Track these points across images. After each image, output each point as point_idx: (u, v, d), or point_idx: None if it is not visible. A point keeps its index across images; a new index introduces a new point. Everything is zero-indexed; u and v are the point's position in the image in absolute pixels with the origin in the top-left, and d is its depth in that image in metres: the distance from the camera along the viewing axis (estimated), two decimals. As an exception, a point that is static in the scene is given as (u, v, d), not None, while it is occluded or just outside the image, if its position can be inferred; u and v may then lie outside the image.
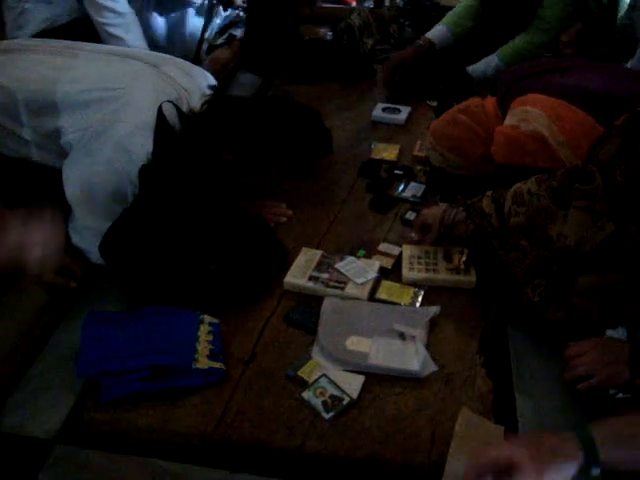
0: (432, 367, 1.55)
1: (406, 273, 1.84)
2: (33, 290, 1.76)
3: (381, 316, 1.69)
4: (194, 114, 1.89)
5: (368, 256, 1.92)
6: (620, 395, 1.44)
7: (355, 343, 1.61)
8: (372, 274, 1.80)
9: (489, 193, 1.80)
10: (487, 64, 2.94)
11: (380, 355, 1.58)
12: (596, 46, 2.86)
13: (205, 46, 3.33)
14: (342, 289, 1.77)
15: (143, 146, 1.77)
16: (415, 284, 1.82)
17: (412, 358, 1.56)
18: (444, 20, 3.15)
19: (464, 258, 1.83)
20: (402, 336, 1.62)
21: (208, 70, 2.23)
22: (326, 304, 1.73)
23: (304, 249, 1.92)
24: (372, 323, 1.67)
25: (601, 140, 1.49)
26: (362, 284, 1.77)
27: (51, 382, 1.54)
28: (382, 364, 1.55)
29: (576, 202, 1.52)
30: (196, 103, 1.90)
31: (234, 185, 1.99)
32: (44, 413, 1.49)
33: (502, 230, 1.73)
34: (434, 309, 1.71)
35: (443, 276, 1.83)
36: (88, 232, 1.80)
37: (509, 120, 1.97)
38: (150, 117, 1.79)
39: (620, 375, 1.45)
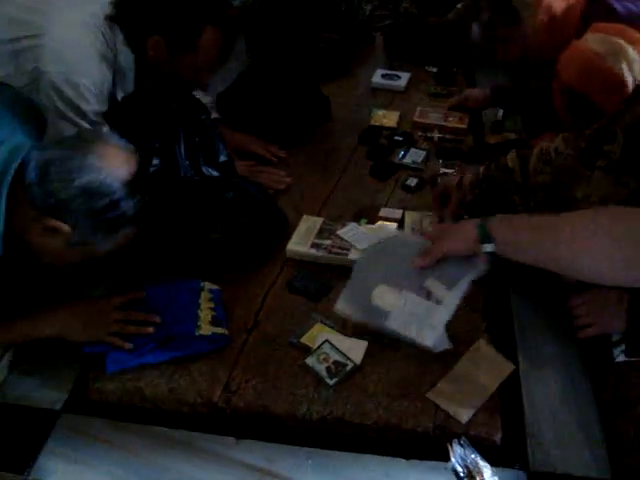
0: (446, 344, 1.48)
1: None
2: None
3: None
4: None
5: (370, 223, 1.91)
6: (622, 358, 1.45)
7: (380, 296, 1.49)
8: (373, 239, 1.78)
9: (514, 150, 1.79)
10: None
11: (400, 319, 1.45)
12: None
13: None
14: (345, 255, 1.76)
15: (85, 84, 1.72)
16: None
17: (429, 330, 1.44)
18: None
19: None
20: (429, 296, 1.47)
21: None
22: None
23: (305, 217, 1.92)
24: (408, 271, 1.48)
25: (629, 102, 1.49)
26: (364, 250, 1.76)
27: (56, 353, 1.55)
28: (399, 330, 1.45)
29: (599, 162, 1.52)
30: None
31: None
32: (50, 383, 1.50)
33: (525, 186, 1.73)
34: (481, 267, 1.44)
35: None
36: None
37: (594, 43, 1.84)
38: (77, 56, 1.72)
39: (618, 323, 1.48)
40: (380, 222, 1.92)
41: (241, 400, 1.43)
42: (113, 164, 1.34)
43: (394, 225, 1.90)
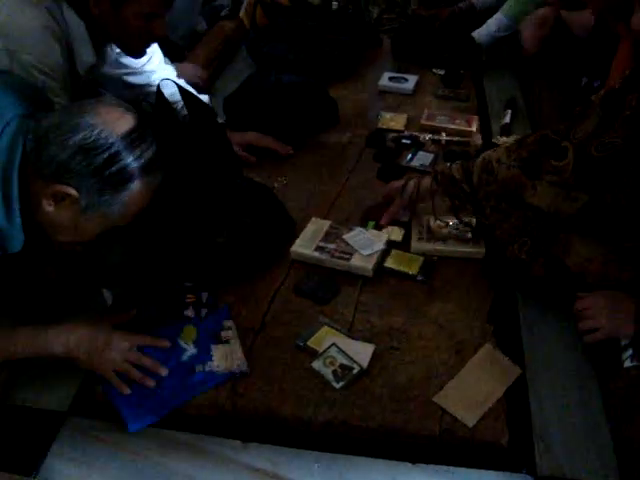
0: None
1: (415, 243, 1.83)
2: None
3: None
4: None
5: (378, 228, 1.90)
6: (630, 363, 1.45)
7: None
8: (379, 246, 1.78)
9: (458, 162, 1.77)
10: (493, 25, 2.90)
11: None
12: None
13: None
14: (348, 260, 1.76)
15: (30, 61, 1.69)
16: (424, 254, 1.82)
17: None
18: None
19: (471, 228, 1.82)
20: None
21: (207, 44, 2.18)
22: None
23: (313, 219, 1.92)
24: None
25: (577, 117, 1.48)
26: (368, 256, 1.76)
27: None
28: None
29: (547, 177, 1.52)
30: None
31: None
32: (56, 386, 1.50)
33: (475, 196, 1.71)
34: None
35: (452, 247, 1.82)
36: None
37: None
38: (21, 34, 1.69)
39: (626, 327, 1.47)
40: (389, 227, 1.91)
41: (247, 403, 1.43)
42: (108, 120, 1.32)
43: (401, 231, 1.89)
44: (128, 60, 2.13)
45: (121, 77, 2.19)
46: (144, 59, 2.12)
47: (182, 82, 2.21)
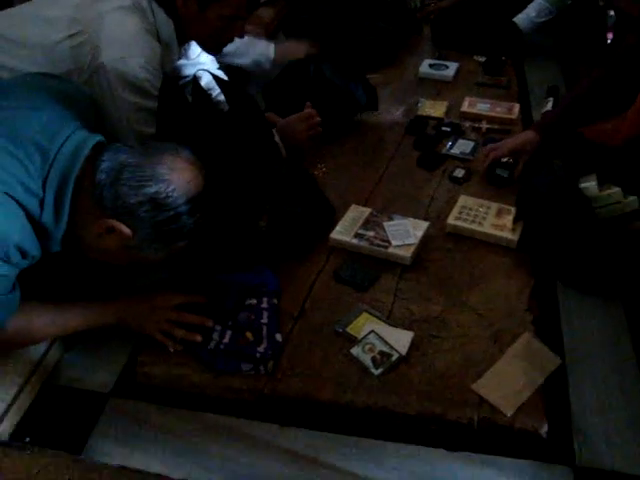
0: None
1: (450, 220, 1.85)
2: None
3: None
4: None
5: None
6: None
7: None
8: (412, 239, 1.78)
9: None
10: (533, 10, 2.86)
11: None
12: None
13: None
14: (386, 248, 1.76)
15: (141, 73, 1.73)
16: (456, 233, 1.84)
17: None
18: None
19: (512, 217, 1.81)
20: None
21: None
22: None
23: (353, 206, 1.92)
24: None
25: None
26: (403, 246, 1.76)
27: (106, 337, 1.58)
28: None
29: None
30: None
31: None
32: (100, 367, 1.53)
33: None
34: None
35: (485, 230, 1.81)
36: None
37: None
38: (128, 39, 1.74)
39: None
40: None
41: (286, 387, 1.44)
42: (182, 179, 1.37)
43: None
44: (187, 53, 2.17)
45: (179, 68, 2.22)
46: (198, 51, 2.14)
47: (219, 72, 2.23)
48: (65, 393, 1.49)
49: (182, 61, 2.15)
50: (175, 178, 1.36)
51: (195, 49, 2.14)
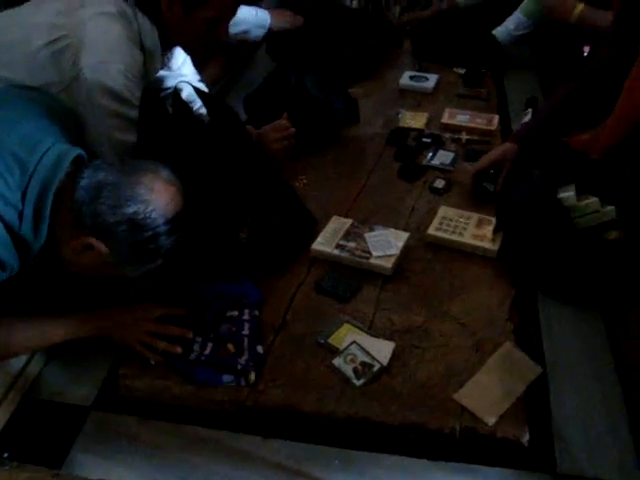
0: None
1: (431, 231, 1.86)
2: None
3: None
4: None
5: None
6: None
7: None
8: (393, 250, 1.78)
9: None
10: (511, 23, 2.89)
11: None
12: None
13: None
14: (367, 259, 1.77)
15: (120, 79, 1.73)
16: (437, 243, 1.85)
17: None
18: None
19: (492, 227, 1.83)
20: None
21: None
22: None
23: (334, 217, 1.93)
24: None
25: None
26: (384, 257, 1.77)
27: (87, 349, 1.57)
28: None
29: None
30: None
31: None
32: (81, 380, 1.53)
33: None
34: None
35: (465, 240, 1.83)
36: None
37: None
38: (109, 46, 1.73)
39: None
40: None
41: (268, 399, 1.44)
42: (161, 199, 1.38)
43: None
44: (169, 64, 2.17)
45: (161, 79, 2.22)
46: (180, 62, 2.15)
47: (201, 84, 2.23)
48: (45, 407, 1.48)
49: (164, 72, 2.14)
50: (154, 199, 1.36)
51: (177, 60, 2.14)
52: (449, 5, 3.24)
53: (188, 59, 2.27)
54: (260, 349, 1.53)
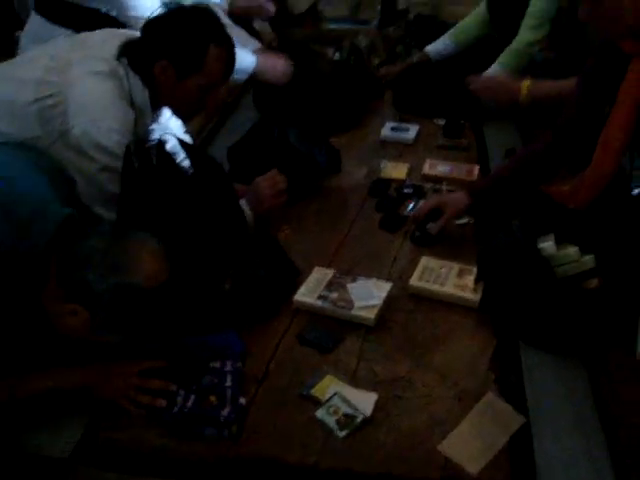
0: None
1: (413, 281, 1.88)
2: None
3: None
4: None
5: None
6: None
7: None
8: (376, 300, 1.79)
9: None
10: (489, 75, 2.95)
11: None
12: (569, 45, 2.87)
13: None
14: (349, 309, 1.78)
15: (112, 135, 1.77)
16: (419, 294, 1.86)
17: None
18: (449, 31, 3.27)
19: (473, 277, 1.84)
20: None
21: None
22: None
23: (317, 268, 1.94)
24: None
25: None
26: (367, 307, 1.78)
27: (66, 403, 1.55)
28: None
29: None
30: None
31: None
32: (59, 433, 1.50)
33: None
34: None
35: (447, 290, 1.84)
36: None
37: None
38: (101, 104, 1.79)
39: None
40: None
41: (250, 451, 1.44)
42: (148, 269, 1.41)
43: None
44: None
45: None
46: (167, 115, 2.18)
47: (186, 136, 2.26)
48: (23, 460, 1.46)
49: (152, 126, 2.18)
50: (141, 269, 1.40)
51: (165, 113, 2.17)
52: (420, 58, 3.31)
53: None
54: (243, 401, 1.53)
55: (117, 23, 2.32)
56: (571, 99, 2.00)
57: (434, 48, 3.29)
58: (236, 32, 2.80)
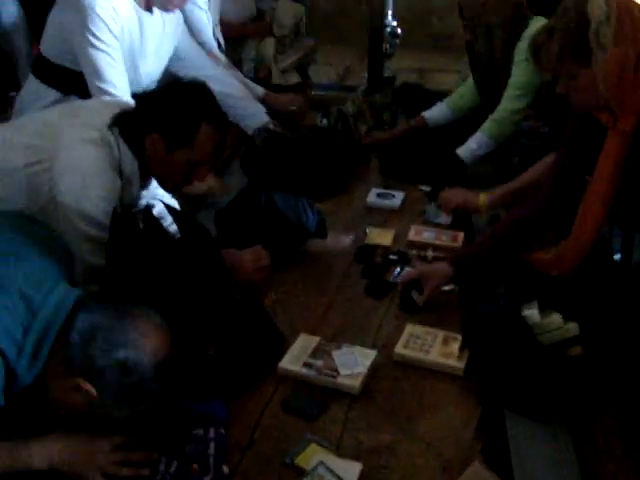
0: None
1: (398, 349, 1.88)
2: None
3: None
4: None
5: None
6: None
7: None
8: (361, 368, 1.79)
9: None
10: (474, 143, 2.99)
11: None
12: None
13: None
14: (334, 377, 1.77)
15: (98, 203, 1.80)
16: (404, 362, 1.86)
17: None
18: (446, 98, 3.33)
19: (458, 344, 1.85)
20: None
21: None
22: None
23: (302, 335, 1.94)
24: None
25: None
26: (352, 375, 1.78)
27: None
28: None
29: None
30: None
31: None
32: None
33: None
34: None
35: (432, 358, 1.85)
36: None
37: None
38: (89, 171, 1.81)
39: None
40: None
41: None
42: (152, 345, 1.43)
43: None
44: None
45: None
46: (155, 182, 2.20)
47: (173, 201, 2.28)
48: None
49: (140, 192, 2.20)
50: (145, 345, 1.41)
51: (153, 181, 2.19)
52: (418, 123, 3.37)
53: None
54: (226, 469, 1.51)
55: None
56: (551, 168, 2.05)
57: (431, 114, 3.34)
58: (240, 77, 3.15)
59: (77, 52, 2.43)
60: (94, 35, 2.37)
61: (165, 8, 2.56)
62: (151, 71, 2.62)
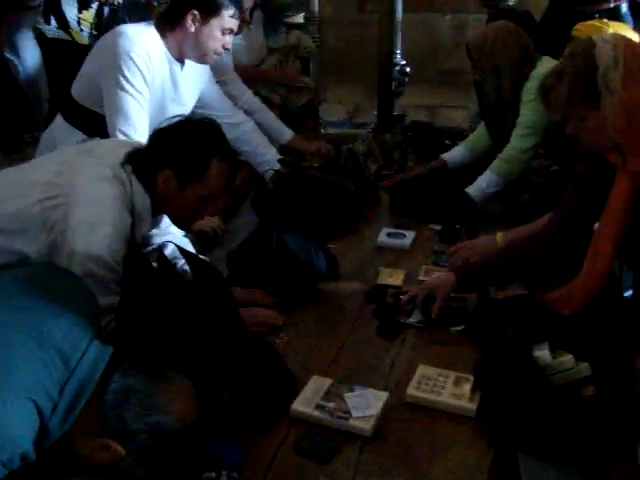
0: None
1: (410, 390, 1.88)
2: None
3: None
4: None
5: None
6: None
7: None
8: (373, 411, 1.79)
9: None
10: (484, 182, 3.03)
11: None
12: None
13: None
14: (347, 420, 1.77)
15: (105, 241, 1.82)
16: (416, 403, 1.87)
17: None
18: (465, 140, 3.41)
19: (470, 385, 1.85)
20: None
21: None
22: None
23: (314, 377, 1.94)
24: None
25: None
26: (367, 416, 1.77)
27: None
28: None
29: None
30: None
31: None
32: None
33: None
34: None
35: (444, 400, 1.85)
36: None
37: None
38: (100, 207, 1.85)
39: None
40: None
41: None
42: (182, 411, 1.47)
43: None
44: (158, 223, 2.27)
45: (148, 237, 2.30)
46: (168, 220, 2.23)
47: (186, 241, 2.31)
48: None
49: (153, 230, 2.23)
50: (177, 410, 1.45)
51: (165, 219, 2.22)
52: (438, 165, 3.41)
53: None
54: None
55: None
56: (563, 206, 2.07)
57: (451, 156, 3.40)
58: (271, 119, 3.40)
59: (104, 92, 2.52)
60: (125, 78, 2.47)
61: (201, 62, 2.70)
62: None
